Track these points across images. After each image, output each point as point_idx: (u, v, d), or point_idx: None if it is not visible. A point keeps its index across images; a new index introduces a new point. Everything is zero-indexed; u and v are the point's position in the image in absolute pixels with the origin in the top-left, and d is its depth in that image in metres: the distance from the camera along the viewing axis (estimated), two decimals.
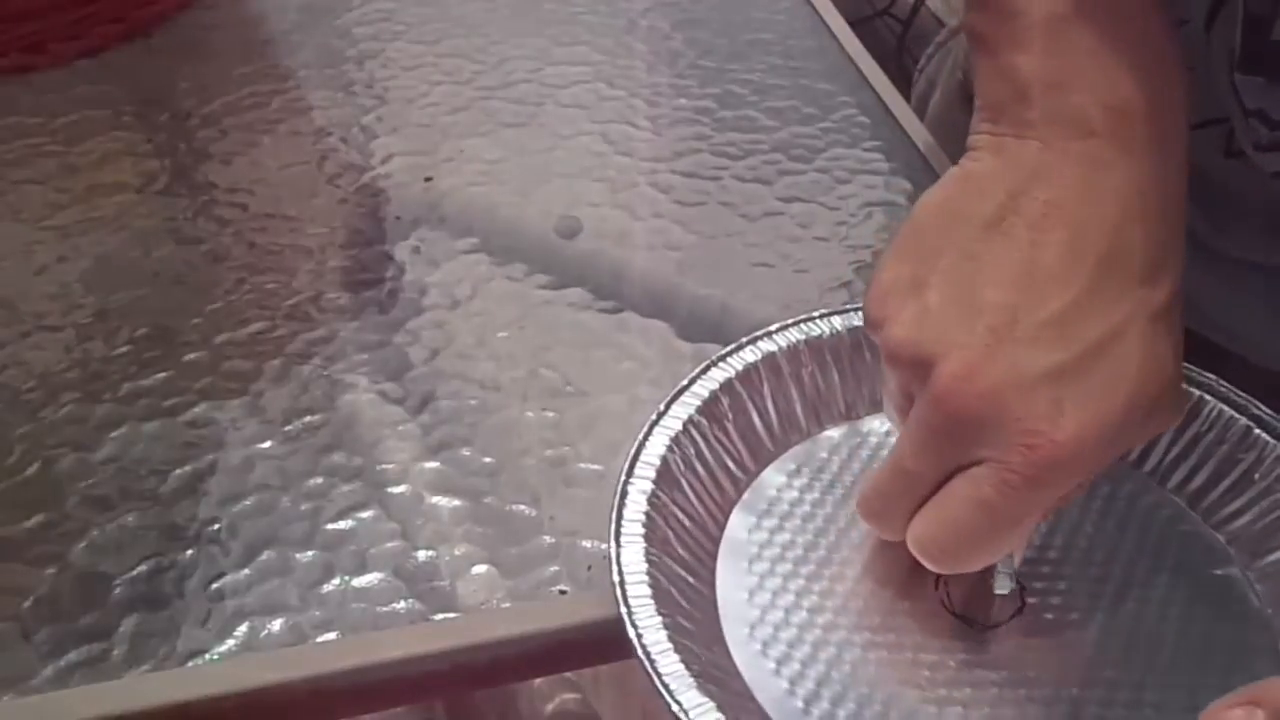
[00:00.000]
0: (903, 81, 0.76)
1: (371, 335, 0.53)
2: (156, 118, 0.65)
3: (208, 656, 0.41)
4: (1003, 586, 0.40)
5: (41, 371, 0.51)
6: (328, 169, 0.62)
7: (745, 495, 0.44)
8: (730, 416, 0.45)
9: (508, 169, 0.63)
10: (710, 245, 0.59)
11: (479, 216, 0.60)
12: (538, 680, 0.67)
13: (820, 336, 0.47)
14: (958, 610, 0.40)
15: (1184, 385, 0.39)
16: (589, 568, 0.45)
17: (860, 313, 0.43)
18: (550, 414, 0.50)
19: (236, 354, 0.52)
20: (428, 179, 0.62)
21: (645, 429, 0.44)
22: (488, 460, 0.48)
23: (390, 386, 0.51)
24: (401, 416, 0.50)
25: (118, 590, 0.43)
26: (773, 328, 0.47)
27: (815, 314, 0.48)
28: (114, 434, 0.48)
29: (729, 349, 0.47)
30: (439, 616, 0.43)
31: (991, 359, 0.35)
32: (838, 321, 0.48)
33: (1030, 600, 0.41)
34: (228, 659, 0.41)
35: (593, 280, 0.57)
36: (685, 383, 0.45)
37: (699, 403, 0.45)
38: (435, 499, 0.47)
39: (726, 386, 0.46)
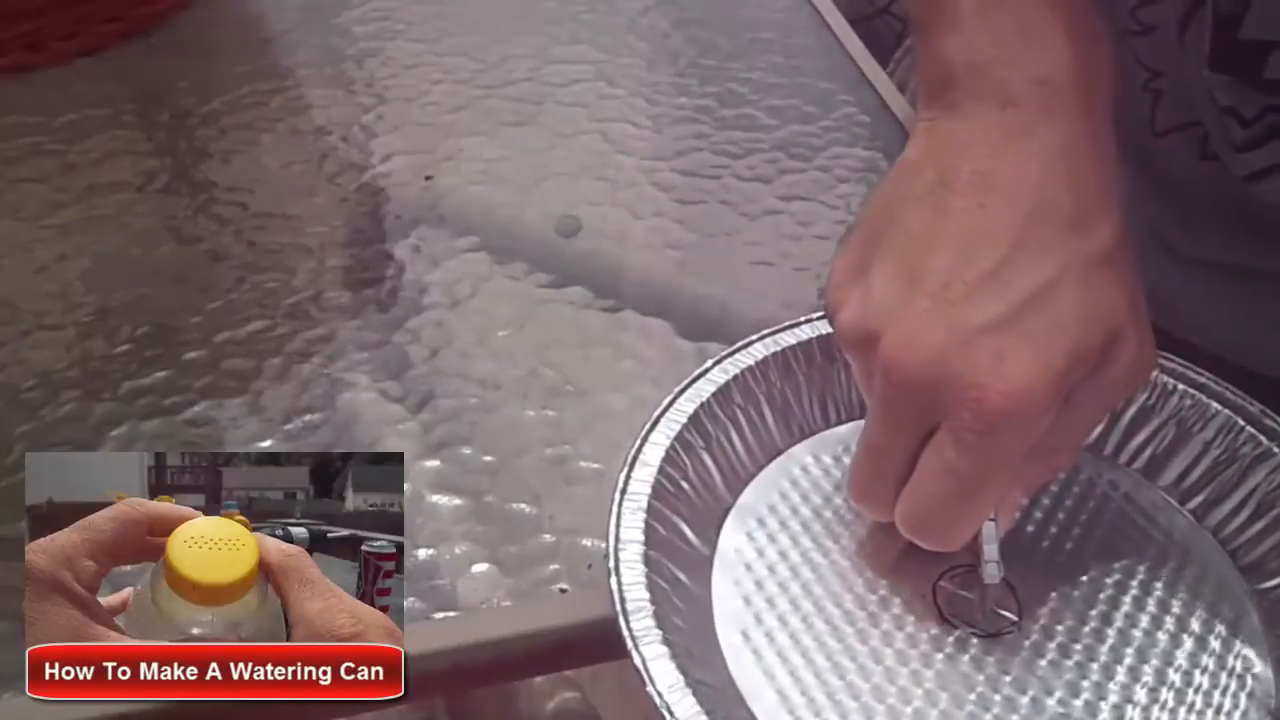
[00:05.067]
0: None
1: (371, 334, 0.53)
2: (156, 116, 0.65)
3: None
4: (991, 575, 0.39)
5: (42, 370, 0.51)
6: (328, 168, 0.62)
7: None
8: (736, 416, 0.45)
9: (507, 168, 0.63)
10: (710, 244, 0.59)
11: (479, 215, 0.60)
12: (538, 679, 0.67)
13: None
14: (949, 615, 0.40)
15: (1156, 355, 0.39)
16: (589, 566, 0.45)
17: None
18: (550, 413, 0.50)
19: (236, 352, 0.52)
20: (428, 178, 0.62)
21: (648, 425, 0.43)
22: (488, 459, 0.48)
23: (390, 385, 0.51)
24: (401, 415, 0.50)
25: None
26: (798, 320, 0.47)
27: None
28: (114, 433, 0.48)
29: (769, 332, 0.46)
30: (439, 615, 0.43)
31: (930, 324, 0.36)
32: None
33: (1027, 619, 0.40)
34: None
35: (593, 279, 0.57)
36: (695, 375, 0.45)
37: (707, 397, 0.44)
38: (435, 497, 0.47)
39: (738, 379, 0.45)
